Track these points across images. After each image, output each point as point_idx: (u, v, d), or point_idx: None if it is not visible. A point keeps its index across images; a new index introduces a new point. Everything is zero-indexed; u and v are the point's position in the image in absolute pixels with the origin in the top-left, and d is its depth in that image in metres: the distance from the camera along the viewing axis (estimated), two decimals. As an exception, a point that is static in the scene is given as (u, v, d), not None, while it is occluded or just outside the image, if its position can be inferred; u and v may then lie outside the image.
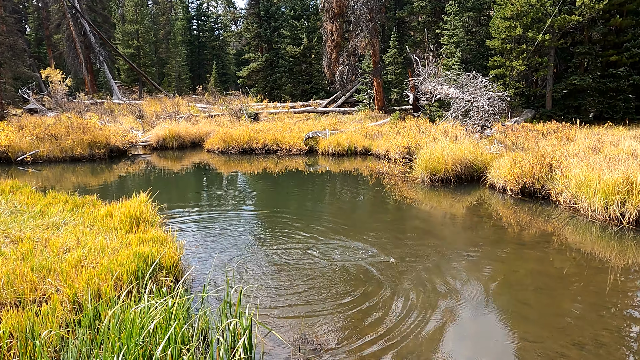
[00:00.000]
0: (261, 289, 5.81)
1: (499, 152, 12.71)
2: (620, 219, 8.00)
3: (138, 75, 40.83)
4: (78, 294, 4.54)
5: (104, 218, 7.19)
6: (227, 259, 6.85)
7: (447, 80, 18.18)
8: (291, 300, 5.51)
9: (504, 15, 21.79)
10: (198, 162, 17.63)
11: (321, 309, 5.27)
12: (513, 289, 5.85)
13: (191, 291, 5.62)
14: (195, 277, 6.13)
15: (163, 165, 17.23)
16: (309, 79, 36.58)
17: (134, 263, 5.15)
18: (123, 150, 18.98)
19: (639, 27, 21.50)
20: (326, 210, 10.36)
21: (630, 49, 21.04)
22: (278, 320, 5.00)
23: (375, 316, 5.12)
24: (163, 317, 3.92)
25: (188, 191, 12.93)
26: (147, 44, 43.21)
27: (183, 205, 10.63)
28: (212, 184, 13.99)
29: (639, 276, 6.24)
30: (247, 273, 6.33)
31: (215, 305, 5.22)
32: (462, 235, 8.36)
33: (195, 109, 29.91)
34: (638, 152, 10.37)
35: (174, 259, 5.72)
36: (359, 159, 17.27)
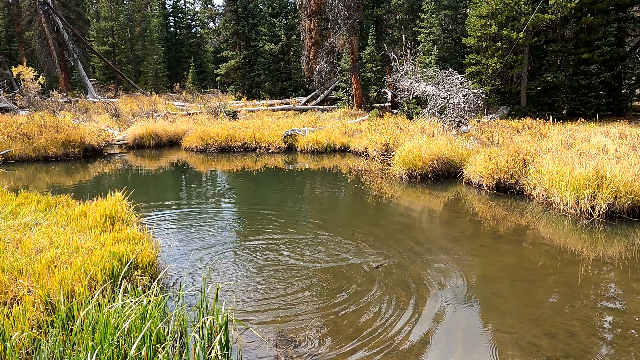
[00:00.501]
0: (239, 286, 5.79)
1: (474, 148, 12.90)
2: (590, 212, 8.22)
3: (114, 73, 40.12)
4: (51, 295, 4.46)
5: (78, 218, 7.06)
6: (205, 257, 6.80)
7: (424, 78, 18.37)
8: (269, 297, 5.51)
9: (479, 13, 22.11)
10: (176, 161, 17.44)
11: (299, 306, 5.29)
12: (488, 282, 5.96)
13: (168, 290, 5.57)
14: (172, 275, 6.08)
15: (140, 164, 16.98)
16: (288, 76, 36.48)
17: (108, 262, 5.08)
18: (98, 149, 18.64)
19: (609, 25, 22.07)
20: (305, 207, 10.37)
21: (601, 47, 21.59)
22: (256, 317, 5.00)
23: (353, 311, 5.16)
24: (138, 316, 3.88)
25: (165, 190, 12.78)
26: (122, 41, 42.48)
27: (160, 204, 10.51)
28: (190, 183, 13.86)
29: (608, 268, 6.42)
30: (225, 271, 6.30)
31: (193, 303, 5.18)
32: (439, 230, 8.48)
33: (173, 107, 29.55)
34: (608, 147, 10.67)
35: (150, 257, 5.66)
36: (337, 156, 17.32)
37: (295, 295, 5.54)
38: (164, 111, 26.05)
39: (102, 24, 41.06)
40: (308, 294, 5.60)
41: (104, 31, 41.15)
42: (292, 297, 5.49)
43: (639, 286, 5.75)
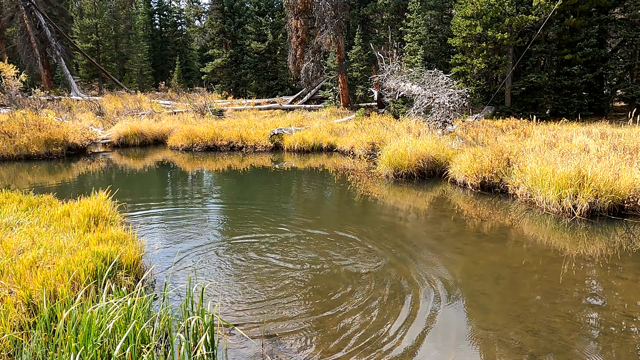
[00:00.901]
0: (224, 286, 5.77)
1: (460, 147, 13.02)
2: (572, 211, 8.36)
3: (97, 70, 39.61)
4: (33, 296, 4.40)
5: (60, 217, 6.97)
6: (190, 257, 6.77)
7: (410, 77, 18.48)
8: (255, 297, 5.51)
9: (464, 14, 22.30)
10: (161, 160, 17.29)
11: (286, 306, 5.29)
12: (473, 280, 6.02)
13: (152, 290, 5.53)
14: (157, 275, 6.04)
15: (124, 163, 16.81)
16: (274, 75, 36.39)
17: (92, 263, 5.03)
18: (82, 148, 18.40)
19: (592, 27, 22.44)
20: (291, 207, 10.37)
21: (583, 48, 21.94)
22: (242, 317, 4.99)
23: (339, 311, 5.18)
24: (122, 316, 3.85)
25: (150, 189, 12.67)
26: (106, 38, 41.95)
27: (145, 203, 10.42)
28: (176, 182, 13.75)
29: (589, 265, 6.54)
30: (210, 270, 6.28)
31: (178, 303, 5.16)
32: (424, 228, 8.54)
33: (158, 105, 29.28)
34: (590, 147, 10.85)
35: (135, 257, 5.61)
36: (324, 155, 17.34)
37: (282, 295, 5.54)
38: (149, 110, 25.81)
39: (85, 21, 40.49)
40: (294, 293, 5.61)
41: (88, 28, 40.59)
42: (278, 297, 5.49)
43: (619, 283, 5.87)
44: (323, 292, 5.62)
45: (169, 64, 50.16)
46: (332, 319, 4.97)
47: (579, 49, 22.09)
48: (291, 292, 5.63)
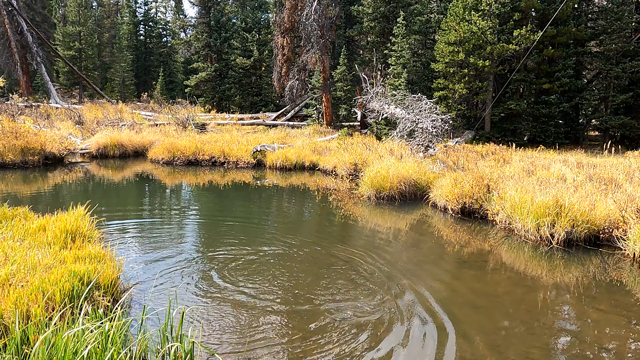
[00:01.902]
0: (205, 309, 5.67)
1: (441, 171, 13.20)
2: (550, 240, 8.52)
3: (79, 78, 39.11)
4: (4, 316, 4.25)
5: (36, 232, 6.79)
6: (170, 277, 6.65)
7: (394, 101, 18.74)
8: (236, 320, 5.42)
9: (448, 40, 22.82)
10: (141, 173, 17.05)
11: (267, 332, 5.22)
12: (453, 307, 6.05)
13: (130, 312, 5.40)
14: (135, 296, 5.90)
15: (103, 174, 16.52)
16: (259, 91, 36.46)
17: (68, 282, 4.89)
18: (60, 158, 18.04)
19: (569, 58, 23.22)
20: (272, 226, 10.31)
21: (560, 79, 22.65)
22: (222, 343, 4.90)
23: (321, 338, 5.13)
24: (99, 341, 3.74)
25: (130, 203, 12.46)
26: (89, 46, 41.55)
27: (124, 218, 10.23)
28: (156, 196, 13.56)
29: (565, 294, 6.65)
30: (191, 292, 6.17)
31: (156, 327, 5.04)
32: (404, 252, 8.58)
33: (140, 116, 28.99)
34: (566, 176, 11.12)
35: (113, 277, 5.48)
36: (306, 173, 17.36)
37: (263, 321, 5.47)
38: (130, 120, 25.52)
39: (69, 29, 40.07)
40: (275, 319, 5.55)
41: (71, 36, 40.15)
42: (260, 323, 5.42)
43: (594, 313, 5.98)
44: (304, 318, 5.56)
45: (152, 75, 49.82)
46: (313, 347, 4.92)
47: (557, 79, 22.78)
48: (273, 317, 5.57)
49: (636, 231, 7.82)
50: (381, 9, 27.28)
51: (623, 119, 22.23)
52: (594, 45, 25.82)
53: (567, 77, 22.71)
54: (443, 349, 5.03)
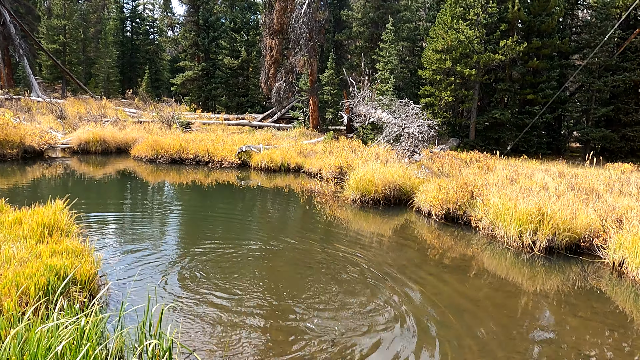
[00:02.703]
0: (185, 307, 5.56)
1: (425, 177, 13.25)
2: (532, 247, 8.59)
3: (62, 73, 38.44)
4: (-25, 310, 4.10)
5: (11, 225, 6.59)
6: (149, 274, 6.51)
7: (380, 105, 18.80)
8: (217, 319, 5.33)
9: (435, 48, 23.03)
10: (123, 170, 16.78)
11: (247, 330, 5.14)
12: (434, 311, 6.04)
13: (108, 308, 5.26)
14: (113, 292, 5.76)
15: (84, 170, 16.21)
16: (246, 92, 36.29)
17: (43, 276, 4.74)
18: (39, 152, 17.66)
19: (553, 70, 23.63)
20: (255, 226, 10.21)
21: (544, 90, 23.02)
22: (202, 342, 4.80)
23: (298, 339, 5.07)
24: (74, 337, 3.62)
25: (110, 200, 12.23)
26: (74, 41, 40.87)
27: (104, 214, 10.03)
28: (137, 193, 13.34)
29: (546, 302, 6.70)
30: (171, 289, 6.05)
31: (134, 324, 4.92)
32: (388, 256, 8.56)
33: (124, 113, 28.58)
34: (549, 185, 11.26)
35: (90, 272, 5.34)
36: (291, 176, 17.28)
37: (244, 321, 5.39)
38: (114, 117, 25.13)
39: (53, 22, 39.37)
40: (256, 319, 5.46)
41: (55, 29, 39.45)
42: (240, 323, 5.33)
43: (573, 320, 6.02)
44: (283, 318, 5.50)
45: (137, 72, 49.23)
46: (294, 349, 4.85)
47: (541, 90, 23.16)
48: (252, 316, 5.48)
49: (616, 240, 7.93)
50: (370, 15, 27.43)
51: (604, 131, 22.67)
52: (578, 58, 26.35)
53: (551, 88, 23.10)
54: (424, 353, 5.01)
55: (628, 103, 23.21)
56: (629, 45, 23.05)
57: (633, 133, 22.86)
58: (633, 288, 7.15)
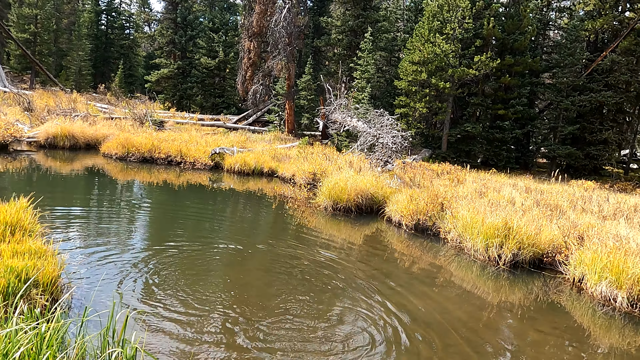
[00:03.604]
0: (151, 313, 5.47)
1: (397, 187, 13.41)
2: (497, 260, 8.80)
3: (31, 63, 37.28)
4: None
5: (-29, 222, 6.35)
6: (115, 278, 6.37)
7: (356, 114, 18.96)
8: (184, 327, 5.25)
9: (412, 59, 23.39)
10: (91, 166, 16.38)
11: (214, 339, 5.09)
12: (400, 322, 6.11)
13: (70, 313, 5.13)
14: (76, 296, 5.61)
15: (50, 165, 15.75)
16: (221, 93, 35.96)
17: (3, 278, 4.59)
18: (4, 145, 17.06)
19: (524, 87, 24.32)
20: (225, 229, 10.12)
21: (515, 106, 23.66)
22: (167, 351, 4.73)
23: (265, 347, 5.05)
24: (33, 343, 3.52)
25: (77, 198, 11.91)
26: (46, 31, 39.74)
27: (70, 213, 9.76)
28: (105, 192, 13.04)
29: (509, 315, 6.87)
30: (137, 294, 5.94)
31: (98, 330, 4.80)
32: (357, 265, 8.61)
33: (95, 108, 27.92)
34: (516, 200, 11.56)
35: (53, 275, 5.20)
36: (264, 180, 17.21)
37: (212, 329, 5.33)
38: (85, 112, 24.51)
39: (24, 10, 38.20)
40: (225, 327, 5.42)
41: (26, 18, 38.27)
42: (208, 331, 5.27)
43: (535, 334, 6.20)
44: (251, 326, 5.47)
45: (111, 66, 48.14)
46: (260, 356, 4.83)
47: (512, 106, 23.78)
48: (220, 324, 5.43)
49: (577, 257, 8.20)
50: (349, 23, 27.66)
51: (569, 149, 23.43)
52: (548, 77, 27.21)
53: (521, 105, 23.76)
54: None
55: (593, 123, 24.07)
56: (596, 67, 23.94)
57: (597, 152, 23.71)
58: (591, 304, 7.41)
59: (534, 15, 26.77)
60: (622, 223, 9.79)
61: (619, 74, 23.21)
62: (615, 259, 7.40)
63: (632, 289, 7.04)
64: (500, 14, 25.65)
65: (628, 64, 23.45)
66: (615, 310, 7.12)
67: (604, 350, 6.07)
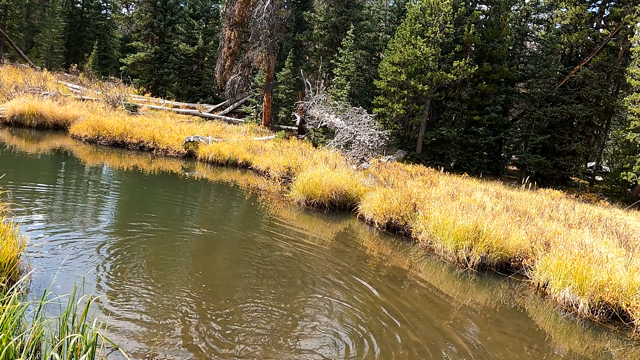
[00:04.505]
0: (114, 299, 5.30)
1: (372, 185, 13.45)
2: (466, 263, 8.92)
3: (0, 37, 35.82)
4: None
5: None
6: (78, 260, 6.15)
7: (334, 110, 18.93)
8: (147, 315, 5.11)
9: (392, 60, 23.51)
10: (59, 147, 15.84)
11: (177, 328, 4.96)
12: (368, 320, 6.11)
13: (28, 296, 4.91)
14: (36, 278, 5.39)
15: (15, 144, 15.16)
16: (199, 81, 35.35)
17: (-42, 256, 4.35)
18: (-34, 119, 16.33)
19: (500, 95, 24.78)
20: (195, 218, 9.94)
21: (490, 113, 24.09)
22: (129, 338, 4.58)
23: (227, 341, 4.96)
24: (-14, 325, 3.34)
25: (42, 177, 11.49)
26: (17, 5, 38.22)
27: (33, 193, 9.40)
28: (72, 174, 12.63)
29: (475, 316, 6.96)
30: (101, 279, 5.74)
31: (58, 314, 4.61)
32: (327, 261, 8.59)
33: (66, 88, 27.04)
34: (486, 204, 11.75)
35: (12, 255, 4.97)
36: (238, 171, 17.01)
37: (176, 317, 5.20)
38: (55, 91, 23.70)
39: (-4, -18, 36.63)
40: (189, 316, 5.29)
41: (-3, -10, 36.71)
42: (171, 319, 5.14)
43: (499, 336, 6.30)
44: (215, 317, 5.37)
45: (85, 46, 46.71)
46: (222, 348, 4.74)
47: (487, 113, 24.21)
48: (184, 312, 5.31)
49: (542, 263, 8.39)
50: (332, 19, 27.60)
51: (539, 158, 24.02)
52: (523, 86, 27.80)
53: (496, 112, 24.21)
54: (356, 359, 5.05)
55: (563, 134, 24.75)
56: (569, 80, 24.60)
57: (565, 162, 24.39)
58: (554, 309, 7.58)
59: (513, 25, 27.30)
60: (586, 232, 10.07)
61: (590, 88, 23.90)
62: (579, 266, 7.59)
63: (593, 296, 7.24)
64: (480, 21, 26.06)
65: (599, 79, 24.18)
66: (577, 315, 7.30)
67: (564, 354, 6.22)
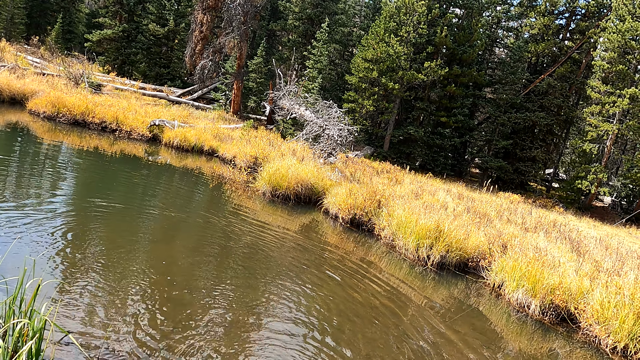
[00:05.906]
0: (67, 284, 5.10)
1: (338, 180, 13.49)
2: (426, 261, 9.08)
3: (-44, 2, 33.83)
4: None
5: None
6: (29, 242, 5.89)
7: (305, 102, 18.85)
8: (101, 302, 4.94)
9: (365, 56, 23.60)
10: (15, 123, 15.12)
11: (131, 314, 4.83)
12: (326, 316, 6.13)
13: (-28, 277, 4.67)
14: (-19, 259, 5.12)
15: (-34, 116, 14.37)
16: (168, 63, 34.46)
17: None
18: None
19: (467, 98, 25.30)
20: (156, 203, 9.70)
21: (457, 115, 24.58)
22: (81, 324, 4.42)
23: (182, 330, 4.87)
24: None
25: (-6, 154, 10.94)
26: (-24, -31, 36.15)
27: (-17, 169, 8.93)
28: (27, 150, 12.08)
29: (432, 314, 7.09)
30: (52, 261, 5.52)
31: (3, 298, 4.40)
32: (289, 254, 8.56)
33: (25, 61, 25.83)
34: (448, 204, 11.99)
35: (-43, 234, 4.70)
36: (204, 158, 16.72)
37: (132, 305, 5.06)
38: (13, 63, 22.60)
39: (-47, -58, 34.53)
40: (143, 304, 5.16)
41: (-45, -49, 34.63)
42: (127, 308, 5.00)
43: (454, 335, 6.45)
44: (171, 309, 5.26)
45: (48, 19, 44.70)
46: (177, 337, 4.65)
47: (454, 115, 24.69)
48: (140, 300, 5.17)
49: (499, 264, 8.63)
50: (307, 11, 27.42)
51: (501, 162, 24.72)
52: (489, 91, 28.49)
53: (463, 115, 24.72)
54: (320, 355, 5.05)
55: (525, 140, 25.54)
56: (534, 88, 25.37)
57: (525, 168, 25.20)
58: (507, 309, 7.83)
59: (484, 31, 27.88)
60: (541, 236, 10.43)
61: (552, 98, 24.74)
62: (533, 269, 7.85)
63: (545, 298, 7.51)
64: (453, 24, 26.48)
65: (562, 89, 25.05)
66: (528, 317, 7.56)
67: (514, 353, 6.43)
